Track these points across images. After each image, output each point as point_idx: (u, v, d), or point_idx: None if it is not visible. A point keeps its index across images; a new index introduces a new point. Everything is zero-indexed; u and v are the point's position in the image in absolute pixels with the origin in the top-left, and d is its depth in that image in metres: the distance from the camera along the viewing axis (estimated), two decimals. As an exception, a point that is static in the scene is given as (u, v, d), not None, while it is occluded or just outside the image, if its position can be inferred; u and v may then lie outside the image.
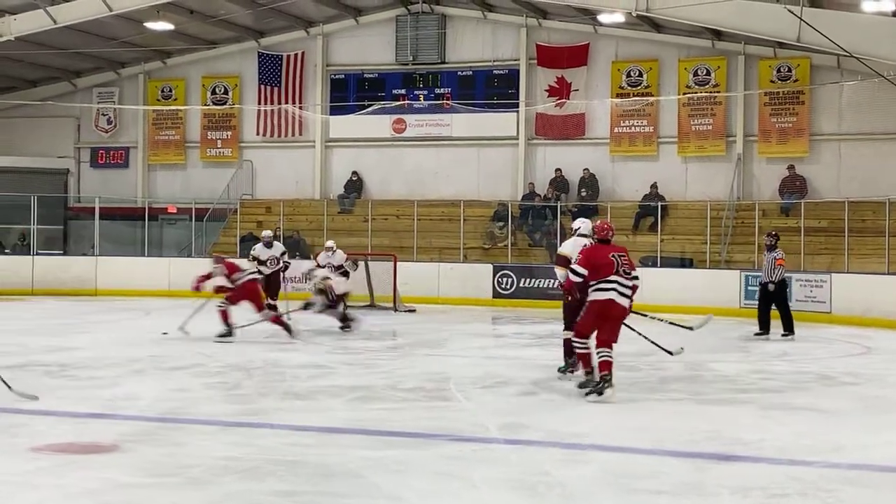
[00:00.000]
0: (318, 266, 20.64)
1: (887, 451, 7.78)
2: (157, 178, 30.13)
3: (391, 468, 6.77)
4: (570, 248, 11.16)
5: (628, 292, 9.80)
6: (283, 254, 18.54)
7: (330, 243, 20.67)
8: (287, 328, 15.17)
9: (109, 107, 30.19)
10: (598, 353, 9.79)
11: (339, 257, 20.58)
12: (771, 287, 16.83)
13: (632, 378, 11.52)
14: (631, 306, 10.00)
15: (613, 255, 9.72)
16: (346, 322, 16.51)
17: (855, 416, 9.41)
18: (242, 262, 17.39)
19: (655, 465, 7.08)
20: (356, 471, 6.64)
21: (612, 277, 9.73)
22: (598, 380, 9.75)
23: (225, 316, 14.96)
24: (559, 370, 11.32)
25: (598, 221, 10.23)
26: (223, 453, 7.15)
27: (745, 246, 23.25)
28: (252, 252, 18.43)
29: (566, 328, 11.09)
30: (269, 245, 18.31)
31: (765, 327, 16.84)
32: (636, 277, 9.89)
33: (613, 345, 9.81)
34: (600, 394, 9.63)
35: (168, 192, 29.63)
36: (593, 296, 9.79)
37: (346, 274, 19.16)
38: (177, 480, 6.42)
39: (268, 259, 18.09)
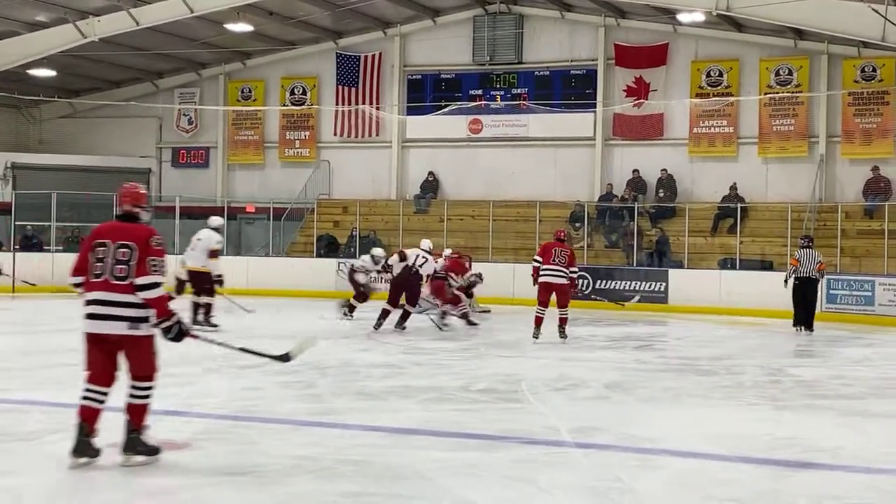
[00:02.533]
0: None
1: (971, 462, 7.56)
2: (236, 177, 30.49)
3: (460, 471, 6.73)
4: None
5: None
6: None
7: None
8: None
9: (190, 107, 30.61)
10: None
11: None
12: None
13: (708, 382, 11.39)
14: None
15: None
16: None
17: (938, 424, 9.18)
18: None
19: (730, 472, 6.96)
20: (425, 473, 6.62)
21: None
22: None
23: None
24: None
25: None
26: (295, 453, 7.17)
27: (827, 249, 22.70)
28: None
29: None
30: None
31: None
32: None
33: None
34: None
35: (247, 191, 29.96)
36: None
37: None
38: (247, 480, 6.45)
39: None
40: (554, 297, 15.39)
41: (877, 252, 21.94)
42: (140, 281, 6.60)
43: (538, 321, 15.35)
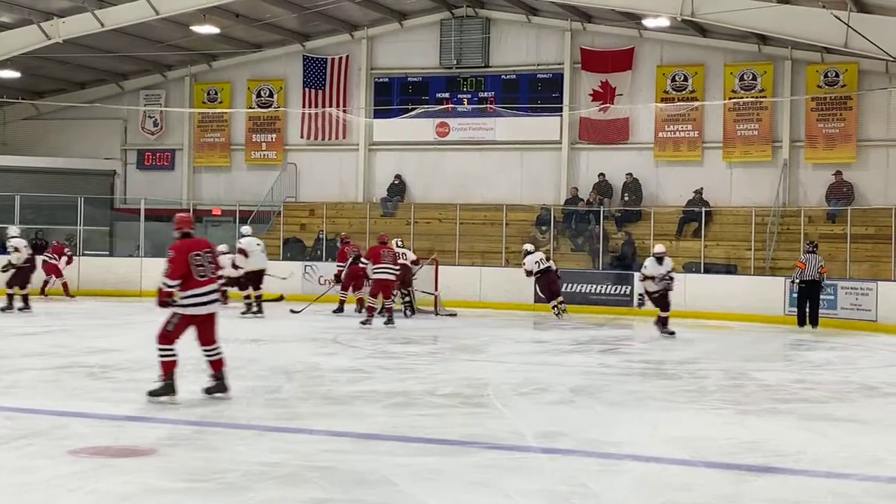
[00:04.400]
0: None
1: (929, 465, 7.66)
2: (202, 180, 30.38)
3: (425, 476, 6.76)
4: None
5: None
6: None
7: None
8: None
9: (156, 109, 30.47)
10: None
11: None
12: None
13: (672, 386, 11.48)
14: None
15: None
16: None
17: (898, 428, 9.31)
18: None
19: (692, 476, 7.02)
20: (390, 478, 6.63)
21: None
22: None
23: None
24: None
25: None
26: (260, 459, 7.16)
27: (790, 252, 23.00)
28: None
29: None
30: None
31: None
32: None
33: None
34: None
35: (213, 194, 29.87)
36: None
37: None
38: (211, 486, 6.44)
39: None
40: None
41: (839, 256, 22.16)
42: (220, 273, 9.74)
43: (373, 311, 18.27)
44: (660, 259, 17.70)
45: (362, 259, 19.49)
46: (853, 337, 18.26)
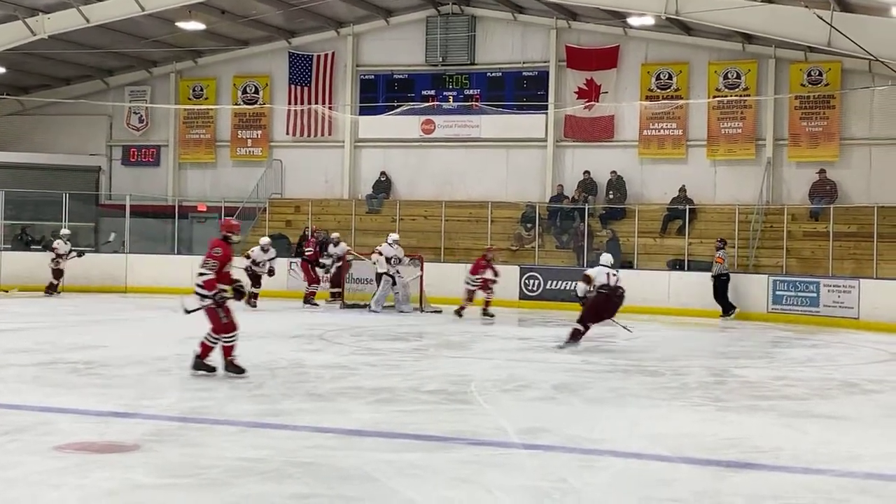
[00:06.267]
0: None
1: (906, 461, 7.76)
2: (188, 176, 30.36)
3: (407, 472, 6.81)
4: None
5: None
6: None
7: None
8: None
9: (141, 105, 30.44)
10: None
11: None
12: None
13: (654, 383, 11.55)
14: None
15: None
16: None
17: (876, 424, 9.38)
18: None
19: (672, 472, 7.09)
20: (372, 474, 6.69)
21: None
22: None
23: None
24: None
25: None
26: (243, 454, 7.20)
27: (773, 251, 23.15)
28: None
29: None
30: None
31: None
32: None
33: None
34: None
35: (198, 190, 29.86)
36: None
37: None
38: (195, 481, 6.49)
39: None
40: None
41: (822, 254, 22.30)
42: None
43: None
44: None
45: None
46: (835, 334, 18.38)
